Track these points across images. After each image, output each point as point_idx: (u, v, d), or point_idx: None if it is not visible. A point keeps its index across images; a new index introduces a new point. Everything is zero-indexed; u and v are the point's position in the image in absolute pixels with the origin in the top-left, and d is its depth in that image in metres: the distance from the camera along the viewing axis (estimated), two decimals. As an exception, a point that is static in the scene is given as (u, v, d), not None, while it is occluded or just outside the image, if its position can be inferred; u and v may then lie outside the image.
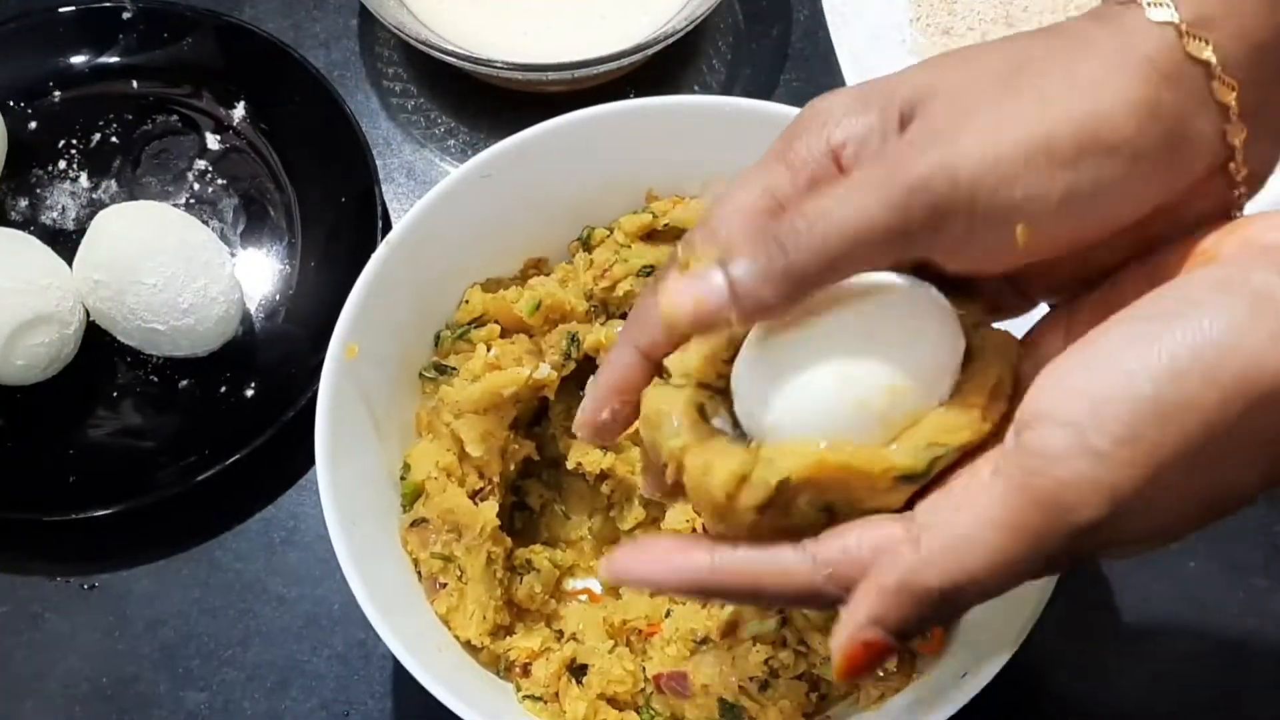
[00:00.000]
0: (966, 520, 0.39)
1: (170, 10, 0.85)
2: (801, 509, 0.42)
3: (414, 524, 0.64)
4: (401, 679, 0.69)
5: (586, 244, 0.69)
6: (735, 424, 0.44)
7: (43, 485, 0.73)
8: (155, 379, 0.76)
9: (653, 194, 0.70)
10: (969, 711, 0.55)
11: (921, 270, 0.44)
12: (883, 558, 0.40)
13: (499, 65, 0.78)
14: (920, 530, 0.40)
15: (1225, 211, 0.45)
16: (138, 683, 0.69)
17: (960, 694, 0.55)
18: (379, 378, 0.65)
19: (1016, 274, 0.45)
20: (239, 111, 0.83)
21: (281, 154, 0.82)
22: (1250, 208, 0.46)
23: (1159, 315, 0.39)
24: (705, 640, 0.62)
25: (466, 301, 0.68)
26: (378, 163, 0.80)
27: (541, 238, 0.70)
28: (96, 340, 0.76)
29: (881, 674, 0.60)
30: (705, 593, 0.45)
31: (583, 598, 0.67)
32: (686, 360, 0.45)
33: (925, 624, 0.40)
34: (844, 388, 0.42)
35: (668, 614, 0.63)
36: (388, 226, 0.77)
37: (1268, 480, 0.40)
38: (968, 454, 0.42)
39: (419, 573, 0.64)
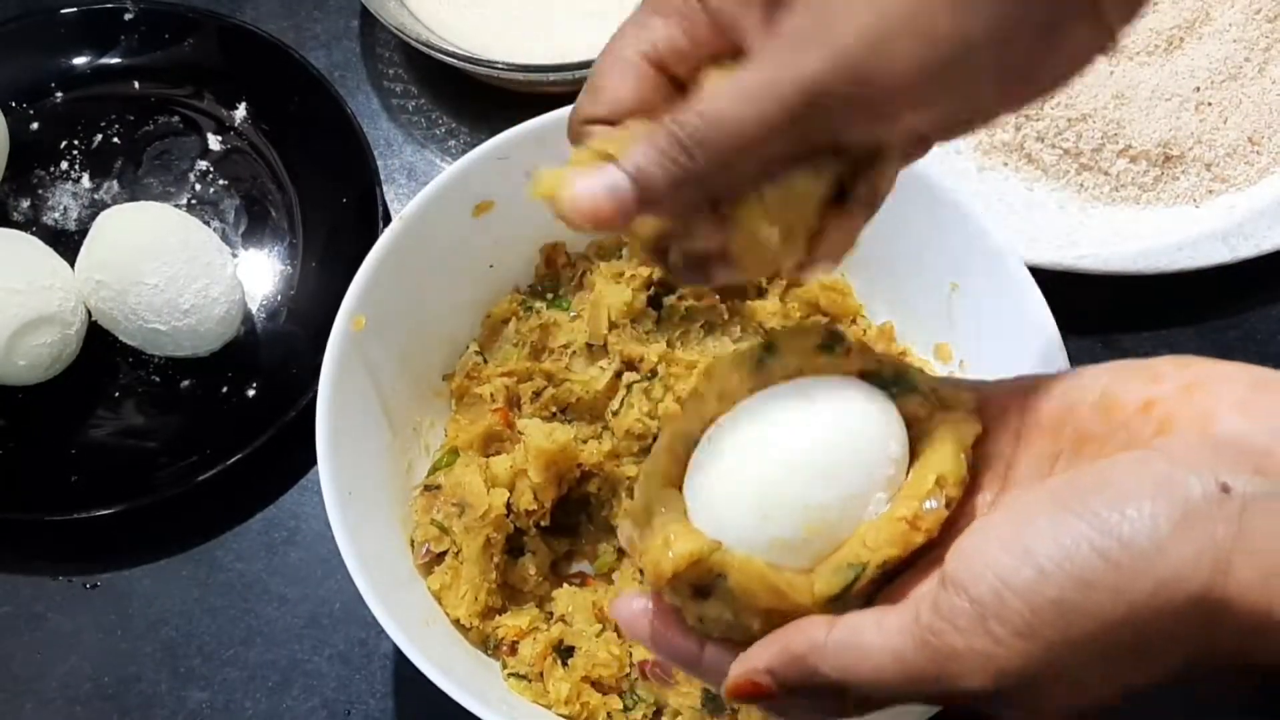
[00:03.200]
0: (871, 636, 0.42)
1: (172, 11, 0.85)
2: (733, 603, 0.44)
3: (427, 488, 0.65)
4: (402, 678, 0.69)
5: None
6: None
7: (45, 485, 0.73)
8: (157, 379, 0.76)
9: None
10: (959, 710, 0.55)
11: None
12: (803, 627, 0.43)
13: (499, 66, 0.78)
14: (838, 623, 0.42)
15: (1101, 41, 0.44)
16: (139, 682, 0.70)
17: None
18: (384, 350, 0.65)
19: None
20: (240, 112, 0.83)
21: (283, 155, 0.82)
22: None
23: (1086, 507, 0.39)
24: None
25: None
26: (378, 163, 0.80)
27: (556, 223, 0.70)
28: (98, 341, 0.76)
29: None
30: (672, 661, 0.48)
31: (575, 580, 0.67)
32: (656, 460, 0.47)
33: (813, 696, 0.43)
34: (781, 509, 0.44)
35: None
36: (389, 227, 0.78)
37: (1180, 675, 0.41)
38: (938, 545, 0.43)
39: (412, 540, 0.64)
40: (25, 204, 0.82)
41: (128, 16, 0.85)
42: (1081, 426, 0.43)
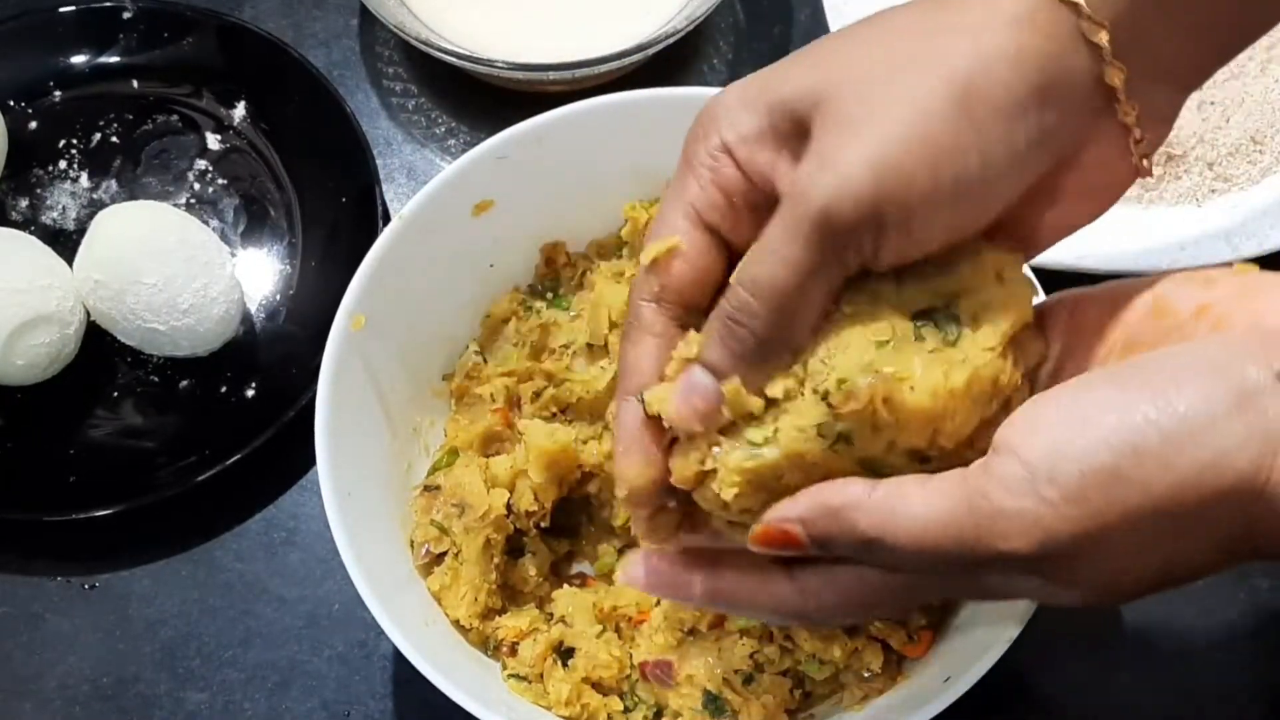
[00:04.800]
0: (916, 497, 0.42)
1: (170, 10, 0.85)
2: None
3: (427, 489, 0.65)
4: (402, 679, 0.69)
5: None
6: None
7: (43, 485, 0.73)
8: (155, 379, 0.76)
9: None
10: (961, 712, 0.55)
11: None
12: (842, 484, 0.43)
13: (499, 65, 0.78)
14: (882, 485, 0.43)
15: (1132, 167, 0.46)
16: (138, 683, 0.69)
17: (943, 697, 0.55)
18: (384, 350, 0.65)
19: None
20: (239, 111, 0.83)
21: (282, 154, 0.82)
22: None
23: (1144, 383, 0.40)
24: (693, 631, 0.62)
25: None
26: (378, 162, 0.80)
27: (557, 222, 0.71)
28: (97, 340, 0.76)
29: (867, 675, 0.61)
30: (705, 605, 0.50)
31: (575, 581, 0.67)
32: None
33: (844, 552, 0.43)
34: None
35: (658, 603, 0.63)
36: (388, 226, 0.77)
37: (1221, 563, 0.42)
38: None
39: (412, 541, 0.64)
40: (24, 203, 0.81)
41: (126, 15, 0.84)
42: (1132, 330, 0.44)
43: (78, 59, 0.85)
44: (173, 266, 0.72)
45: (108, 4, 0.84)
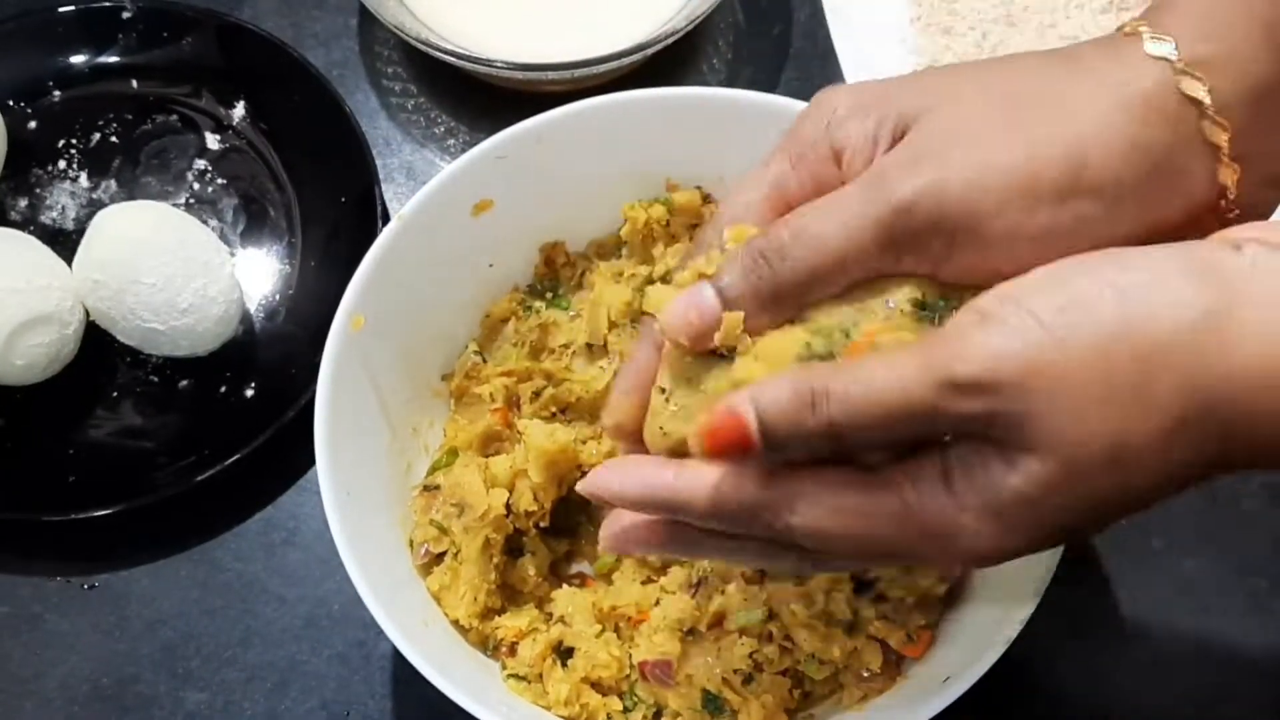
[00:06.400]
0: (880, 365, 0.41)
1: (170, 10, 0.85)
2: None
3: (426, 489, 0.65)
4: (401, 679, 0.69)
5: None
6: None
7: (43, 485, 0.73)
8: (155, 379, 0.76)
9: (672, 184, 0.70)
10: (960, 711, 0.55)
11: None
12: (800, 368, 0.43)
13: (499, 65, 0.78)
14: (844, 365, 0.43)
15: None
16: (137, 683, 0.69)
17: (942, 697, 0.55)
18: (383, 350, 0.65)
19: None
20: (239, 111, 0.83)
21: (281, 153, 0.82)
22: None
23: (1109, 257, 0.41)
24: (692, 630, 0.62)
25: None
26: (377, 162, 0.80)
27: (556, 222, 0.71)
28: (96, 340, 0.76)
29: (866, 674, 0.61)
30: (667, 507, 0.46)
31: (575, 581, 0.67)
32: None
33: (806, 448, 0.42)
34: None
35: (657, 603, 0.63)
36: (388, 226, 0.77)
37: (1175, 438, 0.40)
38: None
39: (411, 541, 0.64)
40: (23, 203, 0.81)
41: (126, 15, 0.84)
42: None
43: (77, 59, 0.85)
44: (172, 266, 0.72)
45: (107, 4, 0.84)
